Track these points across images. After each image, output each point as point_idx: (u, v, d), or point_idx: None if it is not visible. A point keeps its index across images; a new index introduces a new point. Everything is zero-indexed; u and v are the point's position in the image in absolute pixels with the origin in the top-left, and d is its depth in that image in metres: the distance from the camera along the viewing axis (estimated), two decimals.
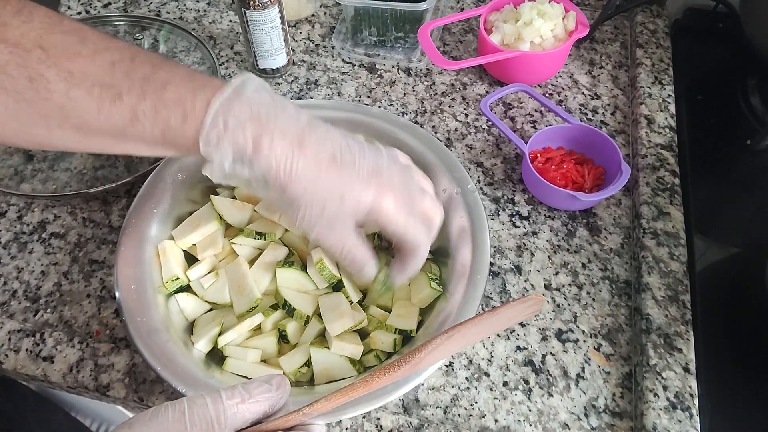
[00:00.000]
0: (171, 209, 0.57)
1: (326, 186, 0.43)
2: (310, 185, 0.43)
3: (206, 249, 0.55)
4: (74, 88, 0.39)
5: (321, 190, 0.43)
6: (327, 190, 0.43)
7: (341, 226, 0.45)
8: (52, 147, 0.44)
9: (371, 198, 0.44)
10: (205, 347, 0.51)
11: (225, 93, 0.41)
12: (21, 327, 0.56)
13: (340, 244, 0.46)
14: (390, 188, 0.45)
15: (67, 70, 0.39)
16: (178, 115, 0.40)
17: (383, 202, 0.44)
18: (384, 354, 0.51)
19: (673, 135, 0.68)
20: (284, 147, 0.41)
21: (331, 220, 0.44)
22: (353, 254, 0.47)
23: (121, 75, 0.40)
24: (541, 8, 0.72)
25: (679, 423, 0.48)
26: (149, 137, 0.41)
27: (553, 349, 0.55)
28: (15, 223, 0.64)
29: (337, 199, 0.43)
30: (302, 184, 0.42)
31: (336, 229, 0.45)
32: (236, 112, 0.41)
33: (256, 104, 0.42)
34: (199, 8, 0.87)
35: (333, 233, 0.45)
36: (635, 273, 0.59)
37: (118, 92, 0.40)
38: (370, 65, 0.79)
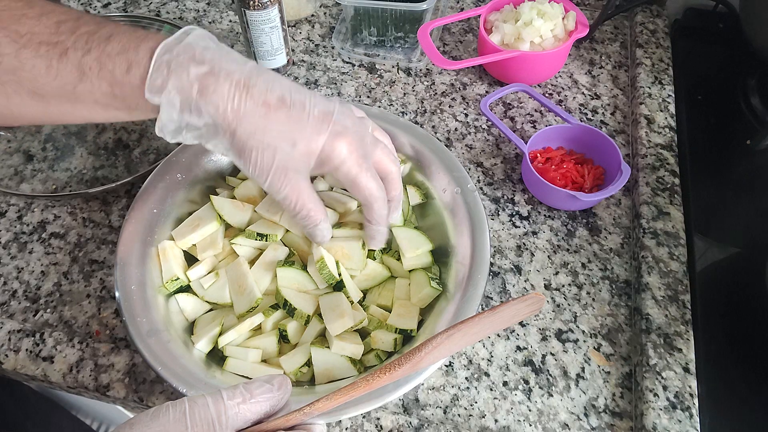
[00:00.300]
0: (171, 209, 0.57)
1: (276, 128, 0.42)
2: (259, 127, 0.42)
3: (206, 249, 0.55)
4: (23, 49, 0.40)
5: (271, 132, 0.42)
6: (277, 132, 0.42)
7: (294, 174, 0.44)
8: (16, 118, 0.44)
9: (323, 141, 0.43)
10: (206, 347, 0.51)
11: (168, 40, 0.41)
12: (21, 327, 0.56)
13: (294, 194, 0.45)
14: (342, 134, 0.44)
15: (15, 31, 0.40)
16: (123, 65, 0.41)
17: (335, 147, 0.44)
18: (384, 353, 0.51)
19: (673, 135, 0.68)
20: (230, 88, 0.41)
21: (284, 166, 0.43)
22: (308, 208, 0.46)
23: (67, 32, 0.41)
24: (541, 8, 0.72)
25: (679, 423, 0.48)
26: (98, 93, 0.42)
27: (553, 349, 0.55)
28: (15, 223, 0.64)
29: (289, 143, 0.43)
30: (251, 126, 0.42)
31: (289, 176, 0.44)
32: (179, 56, 0.41)
33: (200, 48, 0.42)
34: (199, 8, 0.87)
35: (287, 181, 0.44)
36: (635, 273, 0.59)
37: (64, 48, 0.40)
38: (370, 65, 0.79)
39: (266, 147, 0.43)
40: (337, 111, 0.45)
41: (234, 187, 0.59)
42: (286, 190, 0.45)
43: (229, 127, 0.42)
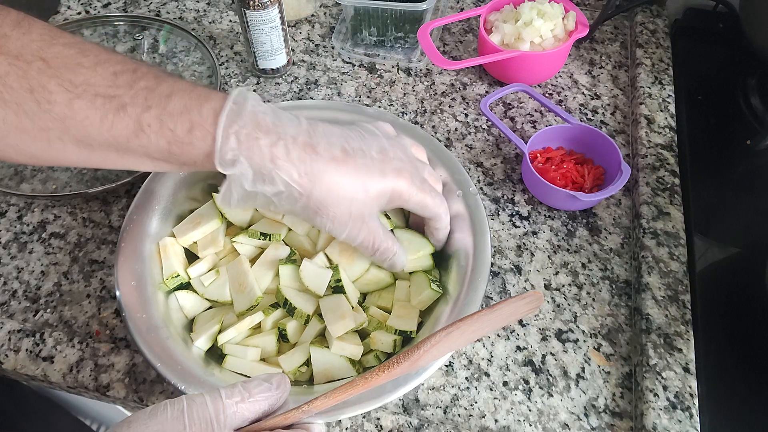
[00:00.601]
0: (172, 206, 0.57)
1: (348, 180, 0.43)
2: (333, 184, 0.43)
3: (207, 247, 0.55)
4: (77, 99, 0.39)
5: (345, 186, 0.43)
6: (350, 185, 0.44)
7: (369, 218, 0.46)
8: (51, 162, 0.43)
9: (391, 182, 0.45)
10: (205, 345, 0.51)
11: (228, 103, 0.41)
12: (21, 327, 0.56)
13: (371, 237, 0.47)
14: (402, 169, 0.46)
15: (69, 80, 0.38)
16: (185, 125, 0.40)
17: (400, 183, 0.46)
18: (384, 354, 0.51)
19: (673, 135, 0.68)
20: (299, 152, 0.42)
21: (360, 214, 0.45)
22: (385, 245, 0.48)
23: (125, 86, 0.40)
24: (541, 8, 0.72)
25: (679, 423, 0.48)
26: (154, 149, 0.41)
27: (553, 349, 0.55)
28: (15, 223, 0.64)
29: (362, 192, 0.44)
30: (325, 185, 0.43)
31: (366, 221, 0.46)
32: (246, 126, 0.41)
33: (260, 114, 0.42)
34: (199, 8, 0.87)
35: (363, 227, 0.46)
36: (635, 273, 0.59)
37: (122, 103, 0.39)
38: (370, 65, 0.79)
39: (342, 200, 0.44)
40: (388, 146, 0.47)
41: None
42: (363, 236, 0.47)
43: (305, 190, 0.43)
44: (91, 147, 0.41)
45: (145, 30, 0.81)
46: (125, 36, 0.80)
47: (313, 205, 0.44)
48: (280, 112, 0.44)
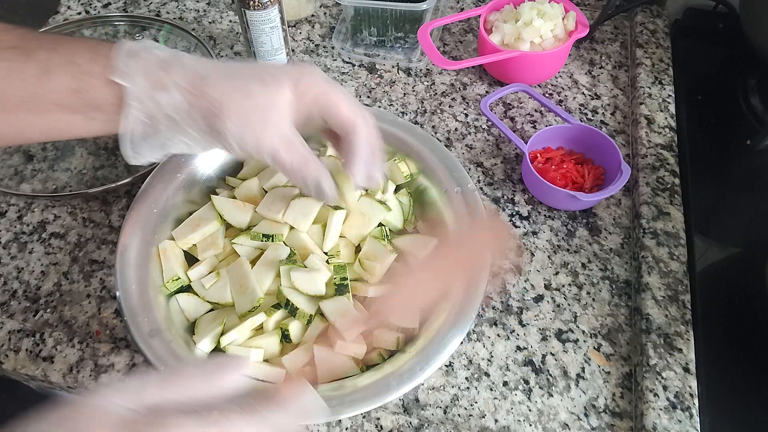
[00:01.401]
0: (171, 209, 0.57)
1: (243, 77, 0.43)
2: (227, 80, 0.42)
3: (207, 249, 0.55)
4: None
5: (238, 80, 0.42)
6: (244, 81, 0.42)
7: (278, 119, 0.43)
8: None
9: (294, 72, 0.43)
10: (208, 347, 0.51)
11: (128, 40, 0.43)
12: (21, 327, 0.56)
13: (285, 145, 0.43)
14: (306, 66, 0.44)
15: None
16: (87, 56, 0.42)
17: (306, 73, 0.44)
18: (387, 352, 0.51)
19: (673, 135, 0.68)
20: (191, 60, 0.43)
21: (265, 110, 0.42)
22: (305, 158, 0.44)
23: (33, 39, 0.42)
24: (541, 8, 0.72)
25: (679, 423, 0.48)
26: (62, 90, 0.41)
27: (553, 349, 0.55)
28: (15, 223, 0.64)
29: (259, 84, 0.43)
30: (219, 82, 0.42)
31: (273, 121, 0.43)
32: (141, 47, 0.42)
33: (154, 46, 0.43)
34: (199, 8, 0.87)
35: (273, 130, 0.43)
36: (635, 273, 0.59)
37: (30, 50, 0.41)
38: (370, 65, 0.79)
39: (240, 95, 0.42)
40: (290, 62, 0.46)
41: (234, 187, 0.59)
42: (274, 141, 0.43)
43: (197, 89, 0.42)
44: (7, 108, 0.42)
45: (145, 30, 0.81)
46: (125, 36, 0.80)
47: (211, 106, 0.42)
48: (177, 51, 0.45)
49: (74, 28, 0.79)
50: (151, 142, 0.44)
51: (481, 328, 0.56)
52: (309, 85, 0.44)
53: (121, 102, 0.42)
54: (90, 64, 0.42)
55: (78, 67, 0.41)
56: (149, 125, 0.43)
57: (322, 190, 0.46)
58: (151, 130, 0.43)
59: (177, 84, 0.42)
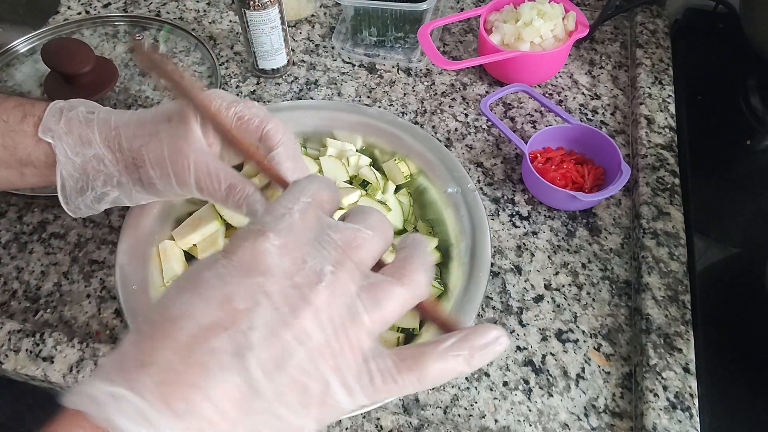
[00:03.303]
0: (171, 209, 0.57)
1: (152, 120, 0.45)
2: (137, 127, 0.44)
3: (207, 249, 0.55)
4: None
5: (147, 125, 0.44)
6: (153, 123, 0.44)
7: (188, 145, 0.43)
8: None
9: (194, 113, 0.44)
10: None
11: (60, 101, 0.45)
12: (21, 327, 0.56)
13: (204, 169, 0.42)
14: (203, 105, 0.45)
15: None
16: (18, 116, 0.44)
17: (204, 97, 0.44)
18: None
19: (673, 135, 0.68)
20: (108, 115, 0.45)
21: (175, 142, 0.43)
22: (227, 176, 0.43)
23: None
24: (541, 8, 0.72)
25: (679, 423, 0.48)
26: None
27: (553, 349, 0.55)
28: (15, 223, 0.64)
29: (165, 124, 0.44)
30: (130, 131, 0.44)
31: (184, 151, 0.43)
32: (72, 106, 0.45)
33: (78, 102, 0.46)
34: (199, 8, 0.87)
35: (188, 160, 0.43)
36: (635, 273, 0.59)
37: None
38: (370, 65, 0.79)
39: (150, 137, 0.44)
40: None
41: None
42: (192, 170, 0.43)
43: (113, 141, 0.44)
44: None
45: (145, 30, 0.81)
46: (125, 36, 0.80)
47: (129, 158, 0.44)
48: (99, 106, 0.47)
49: (74, 28, 0.79)
50: (85, 196, 0.46)
51: None
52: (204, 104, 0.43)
53: (51, 159, 0.44)
54: (20, 123, 0.44)
55: (6, 125, 0.43)
56: (82, 180, 0.45)
57: (254, 210, 0.43)
58: (84, 184, 0.46)
59: (100, 138, 0.44)
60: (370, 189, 0.58)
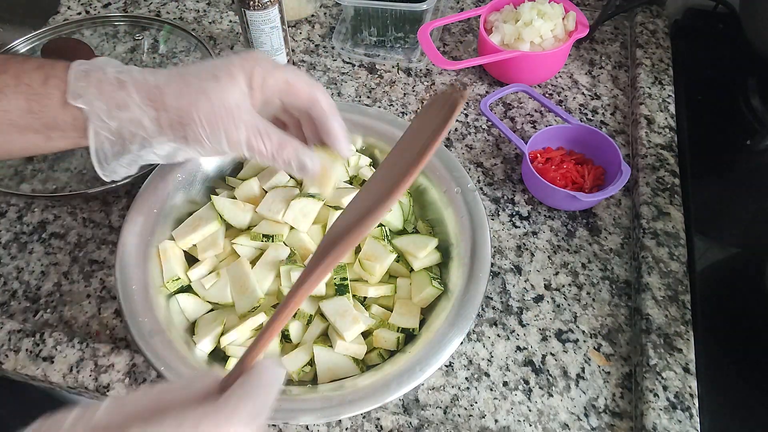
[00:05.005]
0: (171, 209, 0.57)
1: (195, 78, 0.43)
2: (181, 85, 0.43)
3: (207, 249, 0.55)
4: None
5: (193, 84, 0.43)
6: (198, 80, 0.43)
7: (238, 110, 0.43)
8: None
9: (238, 62, 0.44)
10: (208, 347, 0.51)
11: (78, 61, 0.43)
12: (21, 327, 0.56)
13: (254, 132, 0.44)
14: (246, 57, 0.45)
15: None
16: (39, 78, 0.42)
17: (253, 59, 0.44)
18: (387, 352, 0.51)
19: (673, 135, 0.68)
20: (143, 73, 0.43)
21: (225, 105, 0.43)
22: (275, 139, 0.44)
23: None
24: (541, 8, 0.72)
25: (679, 423, 0.48)
26: (15, 112, 0.42)
27: (553, 349, 0.55)
28: (15, 223, 0.64)
29: (213, 81, 0.43)
30: (174, 88, 0.43)
31: (235, 114, 0.43)
32: (95, 67, 0.43)
33: (107, 62, 0.44)
34: (199, 8, 0.87)
35: (239, 122, 0.43)
36: (635, 273, 0.59)
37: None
38: (370, 65, 0.79)
39: (198, 97, 0.43)
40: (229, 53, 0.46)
41: (234, 187, 0.59)
42: (243, 132, 0.44)
43: (156, 100, 0.43)
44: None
45: (145, 30, 0.81)
46: (125, 36, 0.80)
47: (175, 116, 0.43)
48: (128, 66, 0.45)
49: (74, 28, 0.79)
50: (121, 159, 0.45)
51: (481, 328, 0.56)
52: (263, 72, 0.44)
53: (80, 122, 0.43)
54: (43, 86, 0.42)
55: (30, 88, 0.42)
56: (118, 143, 0.44)
57: (304, 165, 0.46)
58: (119, 147, 0.44)
59: (135, 101, 0.43)
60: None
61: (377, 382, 0.46)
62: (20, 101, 0.41)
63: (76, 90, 0.42)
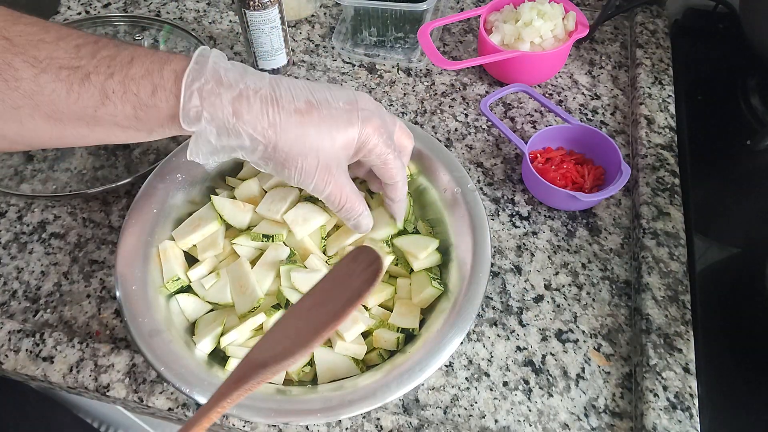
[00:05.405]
0: (171, 209, 0.57)
1: (313, 130, 0.44)
2: (298, 134, 0.43)
3: (207, 249, 0.55)
4: (42, 74, 0.39)
5: (310, 136, 0.44)
6: (316, 134, 0.44)
7: (336, 170, 0.46)
8: (26, 143, 0.44)
9: (357, 130, 0.45)
10: (208, 347, 0.51)
11: (190, 63, 0.42)
12: (21, 327, 0.56)
13: (338, 190, 0.47)
14: (370, 119, 0.46)
15: (33, 56, 0.39)
16: (148, 88, 0.41)
17: (368, 131, 0.46)
18: (387, 352, 0.51)
19: (673, 135, 0.68)
20: (262, 105, 0.43)
21: (327, 164, 0.45)
22: (351, 200, 0.48)
23: (87, 57, 0.40)
24: (541, 8, 0.72)
25: (679, 423, 0.48)
26: (121, 116, 0.41)
27: (553, 349, 0.55)
28: (15, 223, 0.64)
29: (328, 140, 0.44)
30: (291, 135, 0.43)
31: (332, 173, 0.46)
32: (208, 83, 0.41)
33: (222, 69, 0.43)
34: (199, 8, 0.87)
35: (330, 178, 0.46)
36: (635, 273, 0.59)
37: (86, 73, 0.40)
38: (370, 65, 0.79)
39: (309, 151, 0.44)
40: (358, 97, 0.47)
41: (234, 187, 0.59)
42: (330, 188, 0.47)
43: (270, 142, 0.43)
44: (62, 122, 0.41)
45: (145, 30, 0.81)
46: (125, 36, 0.80)
47: (280, 157, 0.44)
48: (244, 67, 0.44)
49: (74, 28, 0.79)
50: (216, 159, 0.45)
51: (481, 328, 0.56)
52: (374, 143, 0.46)
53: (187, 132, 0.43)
54: (151, 98, 0.41)
55: (138, 99, 0.41)
56: (215, 153, 0.45)
57: (359, 225, 0.51)
58: (215, 156, 0.45)
59: (248, 132, 0.43)
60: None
61: (377, 382, 0.46)
62: (127, 108, 0.41)
63: (188, 113, 0.41)
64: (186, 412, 0.51)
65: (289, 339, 0.38)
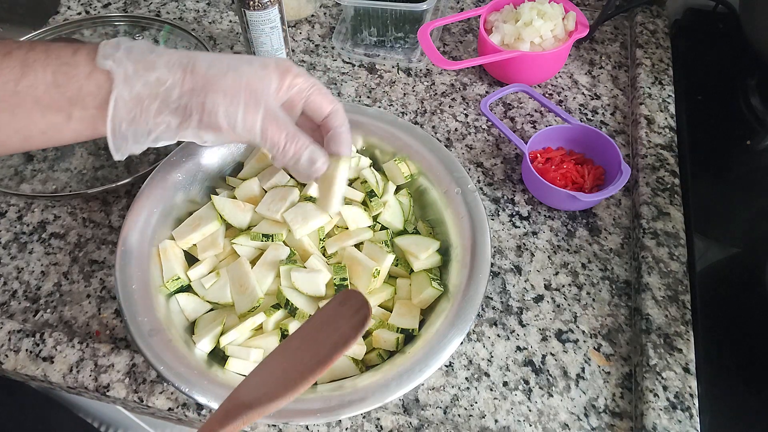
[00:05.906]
0: (171, 209, 0.57)
1: (228, 59, 0.44)
2: (214, 59, 0.44)
3: (207, 249, 0.55)
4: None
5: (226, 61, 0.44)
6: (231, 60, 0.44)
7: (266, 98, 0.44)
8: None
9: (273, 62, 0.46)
10: (208, 347, 0.51)
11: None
12: (21, 327, 0.56)
13: (273, 122, 0.45)
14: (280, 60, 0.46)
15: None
16: (68, 51, 0.42)
17: (288, 64, 0.46)
18: (386, 353, 0.51)
19: (673, 135, 0.68)
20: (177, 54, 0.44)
21: (254, 91, 0.44)
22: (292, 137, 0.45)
23: (11, 43, 0.42)
24: (541, 8, 0.72)
25: (679, 423, 0.48)
26: (41, 87, 0.41)
27: (553, 350, 0.55)
28: (15, 223, 0.64)
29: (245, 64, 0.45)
30: (206, 62, 0.44)
31: (260, 101, 0.44)
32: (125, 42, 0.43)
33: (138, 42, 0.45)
34: (199, 8, 0.87)
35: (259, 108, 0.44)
36: (635, 273, 0.59)
37: (8, 50, 0.41)
38: (370, 65, 0.79)
39: (227, 71, 0.44)
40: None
41: (234, 187, 0.59)
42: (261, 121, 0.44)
43: (186, 66, 0.43)
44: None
45: (145, 30, 0.81)
46: (125, 36, 0.80)
47: (200, 81, 0.43)
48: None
49: (74, 28, 0.79)
50: (136, 128, 0.44)
51: (481, 328, 0.56)
52: (295, 73, 0.46)
53: (104, 91, 0.42)
54: (72, 56, 0.42)
55: (59, 60, 0.42)
56: (135, 109, 0.43)
57: (315, 159, 0.47)
58: (136, 114, 0.43)
59: (166, 62, 0.43)
60: (375, 201, 0.58)
61: (377, 382, 0.46)
62: (47, 74, 0.41)
63: (106, 53, 0.42)
64: (186, 411, 0.51)
65: (276, 380, 0.37)
